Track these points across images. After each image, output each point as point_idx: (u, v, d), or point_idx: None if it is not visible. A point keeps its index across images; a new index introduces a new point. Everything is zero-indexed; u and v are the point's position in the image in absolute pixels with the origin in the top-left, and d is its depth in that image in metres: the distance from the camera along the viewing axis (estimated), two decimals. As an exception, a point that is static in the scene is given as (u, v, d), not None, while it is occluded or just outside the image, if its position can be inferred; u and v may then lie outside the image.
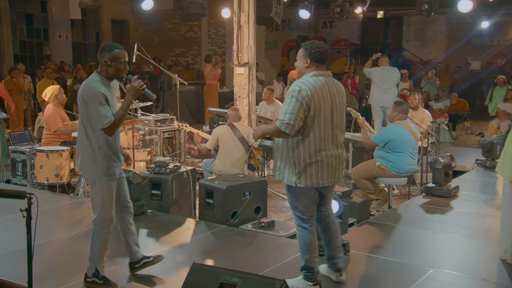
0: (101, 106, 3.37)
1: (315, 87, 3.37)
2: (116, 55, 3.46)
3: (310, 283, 3.56)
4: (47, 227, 5.02)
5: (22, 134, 6.97)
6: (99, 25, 17.09)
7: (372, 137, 5.95)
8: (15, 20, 15.49)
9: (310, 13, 10.63)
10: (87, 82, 3.50)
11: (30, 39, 15.84)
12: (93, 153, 3.49)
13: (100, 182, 3.54)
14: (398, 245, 4.80)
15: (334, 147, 3.51)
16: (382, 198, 6.12)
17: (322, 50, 3.47)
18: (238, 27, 7.25)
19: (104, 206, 3.57)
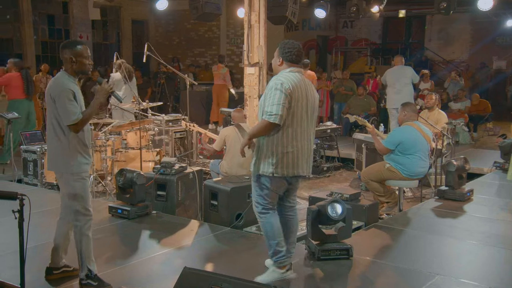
0: (69, 102, 3.41)
1: (294, 82, 3.56)
2: (79, 51, 3.50)
3: (282, 271, 3.70)
4: (50, 227, 5.02)
5: (34, 134, 7.03)
6: (119, 25, 17.23)
7: (383, 142, 5.81)
8: (37, 21, 15.73)
9: (326, 12, 10.51)
10: (55, 79, 3.54)
11: (52, 40, 16.06)
12: (62, 150, 3.50)
13: (73, 178, 3.54)
14: (404, 250, 4.67)
15: (307, 140, 3.69)
16: (393, 201, 5.98)
17: (293, 50, 3.66)
18: (249, 26, 7.18)
19: (81, 203, 3.57)
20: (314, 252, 4.27)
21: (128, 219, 5.14)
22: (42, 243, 4.52)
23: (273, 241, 3.70)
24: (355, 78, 17.12)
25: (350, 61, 20.48)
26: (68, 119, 3.41)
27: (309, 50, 19.94)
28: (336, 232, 4.36)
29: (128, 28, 17.30)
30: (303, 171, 3.68)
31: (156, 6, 9.70)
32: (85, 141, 3.58)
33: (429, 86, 11.77)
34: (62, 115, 3.43)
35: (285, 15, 8.90)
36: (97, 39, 16.92)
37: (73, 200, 3.57)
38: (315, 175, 8.20)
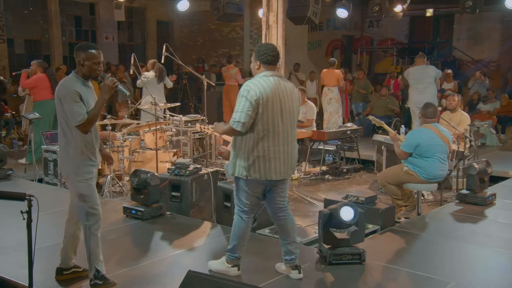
0: (75, 103, 3.43)
1: (264, 87, 3.59)
2: (89, 56, 3.52)
3: (229, 265, 3.88)
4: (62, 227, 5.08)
5: (54, 133, 7.12)
6: (144, 26, 17.40)
7: (401, 146, 5.69)
8: (64, 23, 16.02)
9: (348, 12, 10.35)
10: (63, 81, 3.57)
11: (79, 41, 16.31)
12: (70, 151, 3.53)
13: (77, 179, 3.55)
14: (420, 255, 4.56)
15: (284, 143, 3.70)
16: (411, 205, 5.87)
17: (268, 53, 3.68)
18: (267, 27, 7.14)
19: (89, 204, 3.58)
20: (325, 256, 4.21)
21: (142, 220, 5.17)
22: (58, 242, 4.56)
23: (234, 241, 3.87)
24: (379, 78, 16.96)
25: (376, 61, 20.24)
26: (74, 120, 3.44)
27: (333, 50, 19.77)
28: (349, 236, 4.29)
29: (153, 29, 17.46)
30: (278, 175, 3.70)
31: (178, 7, 9.73)
32: (92, 142, 3.59)
33: (452, 86, 11.53)
34: (69, 116, 3.47)
35: (306, 15, 8.84)
36: (122, 40, 17.12)
37: (80, 200, 3.58)
38: (334, 177, 8.11)
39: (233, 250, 3.87)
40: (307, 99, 9.00)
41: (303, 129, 8.38)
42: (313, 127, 8.63)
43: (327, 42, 19.46)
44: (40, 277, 3.82)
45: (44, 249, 4.41)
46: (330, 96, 10.76)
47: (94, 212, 3.60)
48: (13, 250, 4.36)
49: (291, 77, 14.64)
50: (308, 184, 7.82)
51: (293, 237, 3.93)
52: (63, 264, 3.85)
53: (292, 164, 3.83)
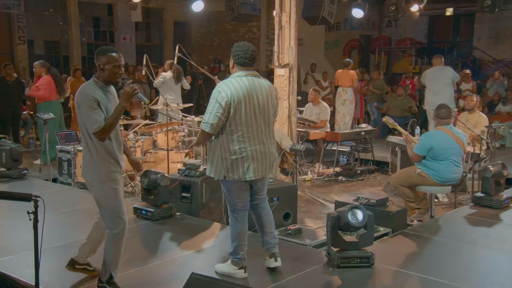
0: (92, 110, 3.32)
1: (236, 88, 3.59)
2: (109, 59, 3.40)
3: (235, 267, 3.88)
4: (78, 226, 5.13)
5: (69, 134, 7.21)
6: (162, 27, 17.51)
7: (414, 149, 5.61)
8: (83, 24, 16.20)
9: (364, 12, 10.27)
10: (82, 86, 3.47)
11: (97, 42, 16.48)
12: (91, 157, 3.44)
13: (102, 187, 3.46)
14: (430, 259, 4.48)
15: (260, 143, 3.73)
16: (424, 207, 5.77)
17: (241, 54, 3.68)
18: (279, 27, 7.11)
19: (113, 212, 3.50)
20: (333, 259, 4.17)
21: (151, 221, 5.18)
22: (69, 242, 4.62)
23: (234, 243, 3.89)
24: (396, 78, 16.77)
25: (394, 61, 20.05)
26: (91, 128, 3.33)
27: (351, 50, 19.64)
28: (357, 239, 4.24)
29: (170, 29, 17.55)
30: (257, 174, 3.73)
31: (192, 7, 9.75)
32: (113, 148, 3.47)
33: (470, 87, 11.34)
34: (86, 123, 3.36)
35: (321, 15, 8.79)
36: (140, 40, 17.25)
37: (105, 208, 3.50)
38: (348, 179, 8.04)
39: (235, 252, 3.89)
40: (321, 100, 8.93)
41: (316, 130, 8.34)
42: (326, 128, 8.57)
43: (344, 42, 19.34)
44: (49, 277, 3.86)
45: (55, 248, 4.47)
46: (344, 97, 10.68)
47: (119, 221, 3.52)
48: (23, 250, 4.40)
49: (307, 77, 14.58)
50: (321, 186, 7.77)
51: (269, 228, 3.99)
52: (78, 258, 3.83)
53: (271, 163, 3.85)
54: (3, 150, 6.77)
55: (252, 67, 3.75)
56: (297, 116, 8.09)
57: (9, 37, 14.93)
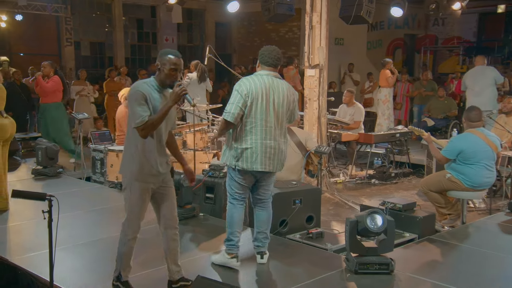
0: (138, 105, 3.27)
1: (255, 83, 3.87)
2: (165, 61, 3.37)
3: (228, 256, 4.06)
4: (104, 225, 5.24)
5: (102, 133, 7.38)
6: (203, 28, 17.69)
7: (442, 151, 5.42)
8: (127, 25, 16.58)
9: (403, 11, 9.98)
10: (138, 81, 3.47)
11: (140, 43, 16.84)
12: (129, 153, 3.41)
13: (130, 186, 3.42)
14: (456, 268, 4.31)
15: (271, 138, 3.93)
16: (455, 213, 5.57)
17: (267, 54, 3.97)
18: (310, 27, 7.02)
19: (131, 213, 3.47)
20: (351, 265, 4.08)
21: (175, 221, 5.21)
22: (93, 240, 4.72)
23: (228, 229, 4.08)
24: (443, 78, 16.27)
25: (440, 60, 19.48)
26: (133, 122, 3.28)
27: (395, 49, 19.22)
28: (377, 245, 4.13)
29: (211, 30, 17.71)
30: (263, 167, 3.92)
31: (228, 8, 9.79)
32: (154, 149, 3.38)
33: None
34: (131, 117, 3.34)
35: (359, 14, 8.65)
36: (182, 41, 17.49)
37: (127, 207, 3.48)
38: (381, 181, 7.86)
39: (228, 239, 4.07)
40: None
41: (349, 131, 8.20)
42: (360, 129, 8.41)
43: (388, 41, 18.94)
44: (71, 274, 3.95)
45: (78, 246, 4.57)
46: (378, 97, 10.48)
47: (135, 224, 3.50)
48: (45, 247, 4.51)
49: (345, 78, 14.37)
50: (353, 188, 7.63)
51: (264, 229, 4.16)
52: (169, 277, 3.74)
53: (280, 160, 4.03)
54: (39, 149, 7.00)
55: (276, 68, 3.99)
56: (329, 117, 7.99)
57: (57, 39, 15.49)
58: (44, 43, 15.27)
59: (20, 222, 5.27)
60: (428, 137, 5.62)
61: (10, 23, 13.79)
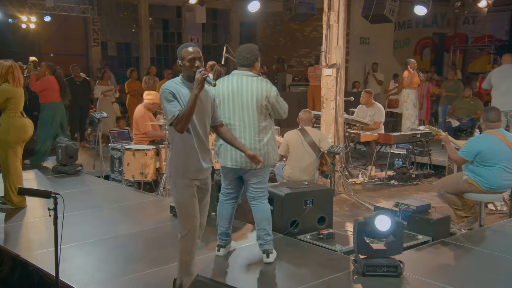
0: (168, 102, 3.28)
1: (223, 86, 4.07)
2: (183, 55, 3.37)
3: (217, 249, 4.35)
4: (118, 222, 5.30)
5: (121, 132, 7.48)
6: (228, 28, 17.75)
7: (459, 152, 5.29)
8: (153, 26, 16.77)
9: (427, 9, 9.80)
10: (165, 83, 3.46)
11: (165, 43, 17.01)
12: (171, 152, 3.45)
13: (175, 184, 3.40)
14: (466, 271, 4.20)
15: (240, 137, 4.02)
16: (472, 216, 5.43)
17: (237, 54, 4.11)
18: (327, 26, 6.96)
19: (181, 212, 3.42)
20: (359, 266, 4.02)
21: (187, 219, 5.23)
22: (106, 237, 4.80)
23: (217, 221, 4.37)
24: (472, 77, 15.90)
25: (470, 60, 19.04)
26: (168, 119, 3.30)
27: (423, 48, 18.88)
28: (386, 247, 4.06)
29: (236, 30, 17.76)
30: (233, 164, 4.07)
31: (249, 8, 9.79)
32: (194, 144, 3.35)
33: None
34: (166, 116, 3.35)
35: (382, 13, 8.54)
36: (207, 41, 17.60)
37: (176, 207, 3.48)
38: (400, 183, 7.73)
39: (218, 233, 4.38)
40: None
41: (369, 132, 8.09)
42: (380, 129, 8.29)
43: (415, 40, 18.63)
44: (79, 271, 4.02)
45: (88, 243, 4.64)
46: (398, 97, 10.32)
47: (188, 222, 3.41)
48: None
49: (368, 77, 14.20)
50: (371, 189, 7.52)
51: (264, 225, 4.20)
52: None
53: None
54: (59, 147, 7.14)
55: (248, 67, 4.08)
56: (348, 118, 7.91)
57: (85, 40, 15.78)
58: (72, 44, 15.58)
59: (35, 219, 5.38)
60: (445, 137, 5.50)
61: (39, 25, 14.10)
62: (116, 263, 4.24)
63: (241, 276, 4.07)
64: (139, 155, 6.49)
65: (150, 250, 4.56)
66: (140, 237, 4.87)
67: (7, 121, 5.47)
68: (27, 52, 13.35)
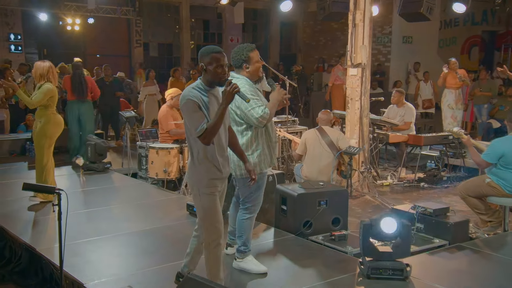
0: (192, 114, 3.18)
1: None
2: (212, 59, 3.23)
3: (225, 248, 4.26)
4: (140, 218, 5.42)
5: (149, 131, 7.64)
6: (268, 28, 17.77)
7: (482, 155, 5.11)
8: (194, 27, 17.03)
9: (466, 6, 9.49)
10: (186, 88, 3.34)
11: (206, 43, 17.21)
12: (193, 162, 3.35)
13: (200, 193, 3.34)
14: (479, 278, 4.04)
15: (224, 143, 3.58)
16: (496, 221, 5.22)
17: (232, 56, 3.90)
18: (353, 25, 6.85)
19: (210, 220, 3.37)
20: (364, 269, 3.95)
21: (202, 218, 5.28)
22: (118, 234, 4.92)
23: None
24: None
25: (523, 59, 18.24)
26: (194, 131, 3.18)
27: (471, 47, 18.26)
28: (392, 249, 3.97)
29: (276, 30, 17.75)
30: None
31: (281, 8, 9.78)
32: (215, 153, 3.30)
33: None
34: (189, 127, 3.26)
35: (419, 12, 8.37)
36: (246, 41, 17.61)
37: (201, 214, 3.41)
38: (430, 185, 7.51)
39: None
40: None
41: (398, 133, 7.91)
42: (411, 130, 8.08)
43: (463, 39, 18.04)
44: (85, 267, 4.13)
45: (102, 239, 4.76)
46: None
47: (213, 229, 3.37)
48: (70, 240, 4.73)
49: (409, 77, 13.86)
50: (400, 191, 7.34)
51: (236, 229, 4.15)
52: (182, 270, 3.73)
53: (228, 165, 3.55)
54: (89, 145, 7.37)
55: (237, 68, 3.89)
56: (375, 118, 7.75)
57: (128, 41, 16.21)
58: (116, 45, 16.04)
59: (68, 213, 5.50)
60: (467, 140, 5.31)
61: (84, 27, 14.59)
62: (127, 261, 4.34)
63: (241, 275, 4.06)
64: (163, 153, 6.61)
65: (163, 246, 4.63)
66: (155, 234, 4.95)
67: (48, 117, 5.76)
68: (74, 53, 13.85)
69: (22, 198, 5.84)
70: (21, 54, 14.04)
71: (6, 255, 4.84)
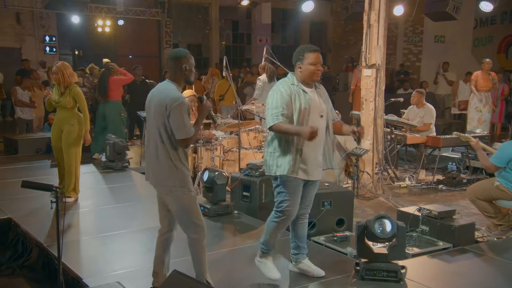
0: (186, 117, 3.29)
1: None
2: (191, 60, 3.43)
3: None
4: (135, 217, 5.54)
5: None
6: (298, 28, 17.74)
7: (491, 158, 5.01)
8: (223, 27, 17.18)
9: (493, 5, 9.24)
10: (169, 90, 3.35)
11: (234, 44, 17.34)
12: (171, 163, 3.36)
13: (183, 192, 3.41)
14: (477, 282, 3.96)
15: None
16: (506, 224, 5.10)
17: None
18: (368, 26, 6.81)
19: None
20: (359, 270, 3.94)
21: (208, 217, 5.35)
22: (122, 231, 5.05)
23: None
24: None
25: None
26: (182, 134, 3.26)
27: (508, 46, 17.70)
28: (387, 251, 3.95)
29: (306, 30, 17.70)
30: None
31: (302, 8, 9.77)
32: (185, 154, 3.46)
33: None
34: (177, 128, 3.26)
35: (445, 11, 8.27)
36: (275, 42, 17.70)
37: (186, 214, 3.45)
38: (449, 188, 7.36)
39: None
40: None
41: (417, 134, 7.79)
42: (431, 131, 7.94)
43: (500, 38, 17.50)
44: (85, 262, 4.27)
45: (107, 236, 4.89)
46: None
47: (200, 224, 3.49)
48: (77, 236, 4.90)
49: (438, 77, 13.58)
50: (417, 194, 7.23)
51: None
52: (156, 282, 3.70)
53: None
54: (107, 144, 7.57)
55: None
56: (391, 119, 7.66)
57: (158, 42, 16.50)
58: (147, 46, 16.36)
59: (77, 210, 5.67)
60: (476, 144, 5.21)
61: (114, 28, 14.95)
62: (126, 257, 4.44)
63: (236, 274, 4.11)
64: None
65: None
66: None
67: (78, 118, 5.91)
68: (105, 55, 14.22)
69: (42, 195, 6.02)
70: (55, 55, 14.52)
71: (19, 249, 5.04)
